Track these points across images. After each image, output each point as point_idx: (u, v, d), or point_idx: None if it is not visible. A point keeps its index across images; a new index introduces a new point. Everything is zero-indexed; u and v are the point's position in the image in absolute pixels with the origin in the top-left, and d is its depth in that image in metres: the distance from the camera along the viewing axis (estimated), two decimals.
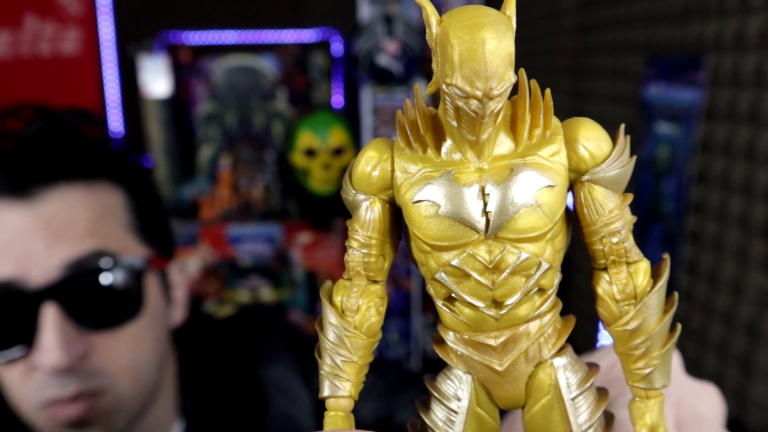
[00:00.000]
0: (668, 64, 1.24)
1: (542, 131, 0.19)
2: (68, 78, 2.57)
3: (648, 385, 0.20)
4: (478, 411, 0.21)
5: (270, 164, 2.73)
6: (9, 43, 2.53)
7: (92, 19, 2.57)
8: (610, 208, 0.20)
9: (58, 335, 0.57)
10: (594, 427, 0.20)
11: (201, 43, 2.63)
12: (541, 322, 0.20)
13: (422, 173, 0.19)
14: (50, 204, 0.60)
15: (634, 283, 0.20)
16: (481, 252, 0.19)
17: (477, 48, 0.16)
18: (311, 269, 2.64)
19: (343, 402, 0.21)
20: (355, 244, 0.21)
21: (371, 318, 0.21)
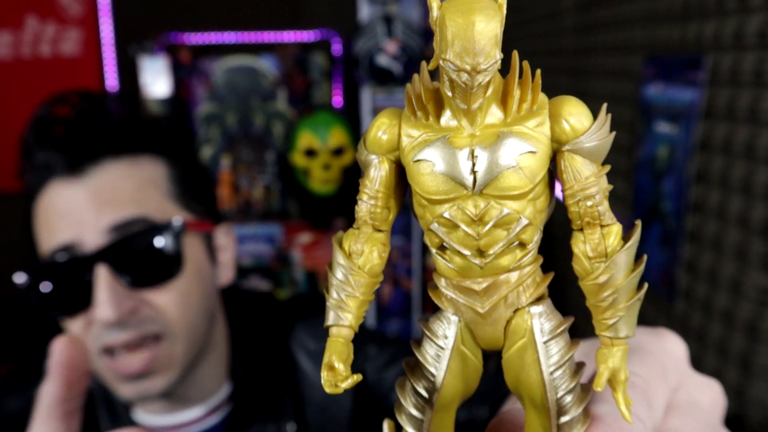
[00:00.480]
0: (668, 63, 1.24)
1: (530, 105, 0.22)
2: (69, 78, 2.58)
3: (613, 333, 0.23)
4: (462, 349, 0.24)
5: (270, 164, 2.73)
6: (10, 43, 2.54)
7: (93, 20, 2.57)
8: (586, 174, 0.22)
9: (109, 293, 0.65)
10: (563, 369, 0.23)
11: (201, 43, 2.64)
12: (521, 273, 0.23)
13: (423, 137, 0.22)
14: (98, 178, 0.69)
15: (606, 243, 0.22)
16: (468, 206, 0.22)
17: (467, 28, 0.19)
18: (311, 269, 2.64)
19: (344, 331, 0.24)
20: (364, 197, 0.24)
21: (374, 260, 0.24)
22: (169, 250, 0.70)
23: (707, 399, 0.28)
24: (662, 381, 0.27)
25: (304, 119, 2.54)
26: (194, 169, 0.79)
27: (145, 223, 0.69)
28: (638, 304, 0.23)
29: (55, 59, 2.57)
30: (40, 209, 0.72)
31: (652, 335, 0.30)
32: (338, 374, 0.23)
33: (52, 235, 0.69)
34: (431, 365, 0.24)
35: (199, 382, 0.76)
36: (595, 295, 0.23)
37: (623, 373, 0.22)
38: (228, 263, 0.81)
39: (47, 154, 0.70)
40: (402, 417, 0.25)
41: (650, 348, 0.28)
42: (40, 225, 0.72)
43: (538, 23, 2.01)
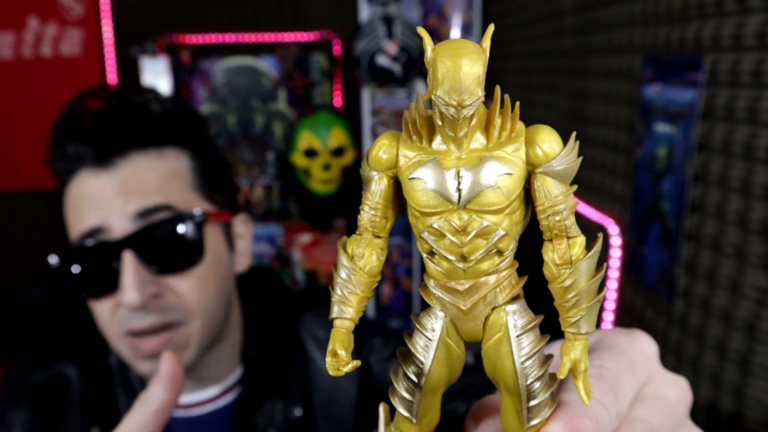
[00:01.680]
0: (667, 64, 1.25)
1: (509, 133, 0.25)
2: (70, 79, 2.58)
3: (576, 330, 0.26)
4: (448, 340, 0.27)
5: (270, 165, 2.73)
6: (11, 44, 2.54)
7: (94, 21, 2.58)
8: (555, 193, 0.25)
9: (134, 278, 0.70)
10: (533, 359, 0.26)
11: (202, 43, 2.64)
12: (498, 276, 0.26)
13: (417, 158, 0.26)
14: (126, 169, 0.73)
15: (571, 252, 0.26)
16: (454, 219, 0.25)
17: (455, 71, 0.23)
18: (311, 269, 2.65)
19: (346, 323, 0.27)
20: (366, 207, 0.27)
21: (373, 262, 0.28)
22: (191, 238, 0.74)
23: (673, 394, 0.30)
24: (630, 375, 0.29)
25: (304, 120, 2.54)
26: (215, 161, 0.82)
27: (170, 212, 0.73)
28: (598, 305, 0.26)
29: (56, 60, 2.58)
30: (70, 196, 0.76)
31: (626, 335, 0.33)
32: (341, 360, 0.27)
33: (81, 220, 0.74)
34: (420, 354, 0.27)
35: (213, 364, 0.81)
36: (561, 296, 0.26)
37: (583, 363, 0.26)
38: (245, 251, 0.86)
39: (78, 145, 0.73)
40: (395, 399, 0.28)
41: (623, 346, 0.31)
42: (70, 211, 0.76)
43: (538, 24, 2.01)
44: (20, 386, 0.81)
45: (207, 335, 0.76)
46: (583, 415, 0.26)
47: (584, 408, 0.26)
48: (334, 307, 0.28)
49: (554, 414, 0.26)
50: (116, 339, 0.74)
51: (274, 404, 0.82)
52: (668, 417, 0.29)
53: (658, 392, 0.30)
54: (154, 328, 0.72)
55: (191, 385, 0.81)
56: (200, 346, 0.76)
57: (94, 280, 0.73)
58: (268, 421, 0.82)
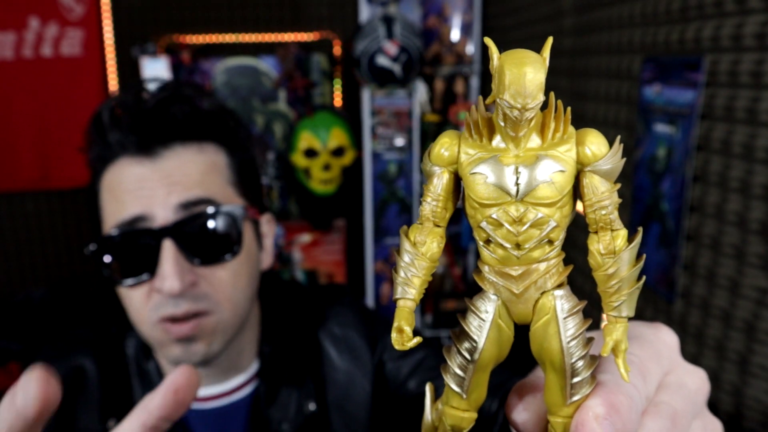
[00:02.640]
0: (666, 65, 1.25)
1: (561, 134, 0.28)
2: (70, 79, 2.58)
3: (617, 313, 0.29)
4: (499, 322, 0.30)
5: (270, 164, 2.73)
6: (12, 44, 2.54)
7: (94, 21, 2.58)
8: (602, 190, 0.28)
9: (175, 266, 0.72)
10: (577, 340, 0.29)
11: (202, 44, 2.64)
12: (548, 264, 0.29)
13: (478, 155, 0.28)
14: (168, 160, 0.75)
15: (615, 243, 0.28)
16: (511, 210, 0.28)
17: (521, 77, 0.26)
18: (311, 269, 2.65)
19: (409, 303, 0.30)
20: (428, 198, 0.30)
21: (433, 249, 0.30)
22: (230, 231, 0.76)
23: (693, 383, 0.33)
24: (656, 363, 0.32)
25: (304, 120, 2.55)
26: (249, 160, 0.85)
27: (210, 205, 0.75)
28: (637, 291, 0.29)
29: (56, 60, 2.58)
30: (108, 183, 0.76)
31: (650, 327, 0.35)
32: (405, 335, 0.29)
33: (122, 207, 0.74)
34: (474, 333, 0.30)
35: (233, 356, 0.82)
36: (605, 283, 0.29)
37: (624, 344, 0.28)
38: (269, 250, 0.89)
39: (122, 134, 0.74)
40: (447, 375, 0.31)
41: (648, 337, 0.34)
42: (108, 198, 0.76)
43: (538, 24, 2.01)
44: None
45: (233, 327, 0.78)
46: (619, 393, 0.28)
47: (620, 387, 0.28)
48: (398, 288, 0.30)
49: (594, 391, 0.29)
50: (148, 325, 0.75)
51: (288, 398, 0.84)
52: (689, 403, 0.32)
53: (679, 380, 0.33)
54: (188, 316, 0.73)
55: (210, 376, 0.82)
56: (226, 336, 0.78)
57: (132, 266, 0.74)
58: (282, 415, 0.83)
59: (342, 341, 0.89)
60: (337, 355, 0.88)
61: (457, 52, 2.65)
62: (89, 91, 2.59)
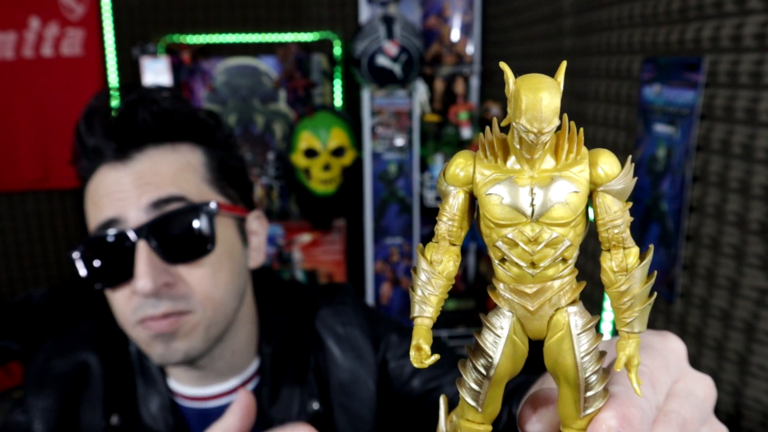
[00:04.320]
0: (666, 65, 1.25)
1: (575, 155, 0.29)
2: (71, 79, 2.58)
3: (630, 329, 0.29)
4: (514, 338, 0.30)
5: (271, 165, 2.74)
6: (13, 44, 2.54)
7: (95, 21, 2.58)
8: (615, 209, 0.29)
9: (147, 266, 0.72)
10: (591, 355, 0.29)
11: (202, 44, 2.64)
12: (562, 281, 0.29)
13: (493, 176, 0.29)
14: (142, 163, 0.76)
15: (627, 261, 0.29)
16: (527, 230, 0.28)
17: (537, 103, 0.26)
18: (311, 269, 2.65)
19: (427, 321, 0.30)
20: (444, 218, 0.30)
21: (450, 267, 0.31)
22: (203, 229, 0.76)
23: (701, 390, 0.34)
24: (665, 372, 0.33)
25: (304, 120, 2.55)
26: (230, 158, 0.85)
27: (183, 202, 0.75)
28: (649, 307, 0.30)
29: (57, 60, 2.58)
30: (90, 191, 0.78)
31: (658, 336, 0.36)
32: (424, 353, 0.30)
33: (99, 212, 0.76)
34: (489, 349, 0.30)
35: (228, 356, 0.83)
36: (617, 299, 0.29)
37: (636, 359, 0.29)
38: (259, 247, 0.88)
39: (98, 141, 0.76)
40: (463, 389, 0.32)
41: (657, 346, 0.35)
42: (90, 205, 0.78)
43: (538, 25, 2.02)
44: (42, 373, 0.83)
45: (216, 325, 0.78)
46: (631, 405, 0.29)
47: (632, 399, 0.29)
48: (415, 306, 0.31)
49: (606, 404, 0.29)
50: (131, 328, 0.76)
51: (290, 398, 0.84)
52: (698, 411, 0.33)
53: (688, 388, 0.33)
54: (167, 316, 0.74)
55: (208, 377, 0.82)
56: (208, 334, 0.78)
57: (110, 269, 0.76)
58: (285, 414, 0.83)
59: (345, 340, 0.89)
60: (341, 354, 0.88)
61: (457, 53, 2.65)
62: (90, 91, 2.59)
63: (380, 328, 0.92)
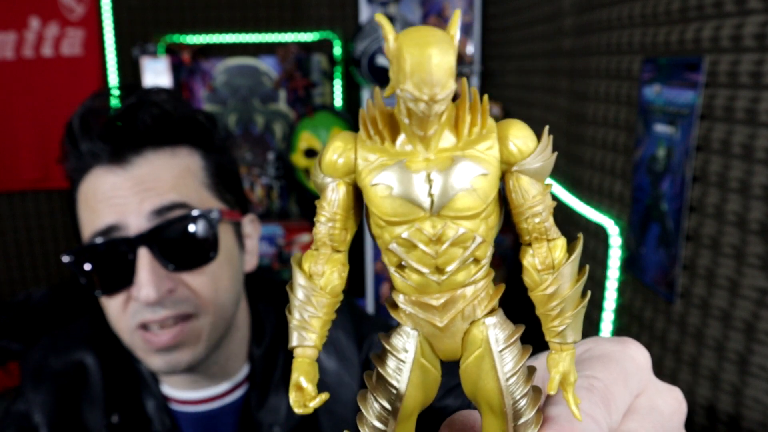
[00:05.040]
0: (666, 65, 1.25)
1: (479, 129, 0.23)
2: (71, 79, 2.58)
3: (562, 339, 0.24)
4: (423, 361, 0.24)
5: (271, 165, 2.73)
6: (12, 44, 2.54)
7: (95, 21, 2.58)
8: (533, 194, 0.23)
9: (150, 274, 0.71)
10: (517, 375, 0.24)
11: (202, 44, 2.64)
12: (475, 287, 0.24)
13: (379, 161, 0.23)
14: (141, 167, 0.74)
15: (552, 256, 0.24)
16: (426, 227, 0.22)
17: (424, 61, 0.20)
18: None
19: (309, 351, 0.24)
20: (322, 218, 0.25)
21: (334, 281, 0.25)
22: (206, 236, 0.75)
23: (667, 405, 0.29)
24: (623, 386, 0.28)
25: (304, 120, 2.55)
26: (226, 162, 0.84)
27: (185, 209, 0.74)
28: (583, 311, 0.25)
29: (57, 60, 2.58)
30: (84, 194, 0.76)
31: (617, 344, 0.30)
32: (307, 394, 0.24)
33: (96, 217, 0.74)
34: (393, 378, 0.24)
35: (222, 361, 0.82)
36: (544, 304, 0.24)
37: (572, 375, 0.24)
38: (253, 250, 0.87)
39: (93, 143, 0.74)
40: (365, 429, 0.25)
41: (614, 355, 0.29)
42: (83, 209, 0.76)
43: (538, 25, 2.01)
44: (39, 369, 0.82)
45: (217, 331, 0.77)
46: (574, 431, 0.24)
47: (573, 423, 0.24)
48: (293, 334, 0.25)
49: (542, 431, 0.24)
50: (127, 334, 0.75)
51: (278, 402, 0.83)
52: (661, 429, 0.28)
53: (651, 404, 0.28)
54: (167, 320, 0.73)
55: (200, 381, 0.82)
56: (210, 341, 0.77)
57: (109, 276, 0.74)
58: (273, 418, 0.83)
59: (329, 343, 0.88)
60: (326, 356, 0.87)
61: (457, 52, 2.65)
62: (90, 91, 2.58)
63: (364, 326, 0.91)
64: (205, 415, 0.83)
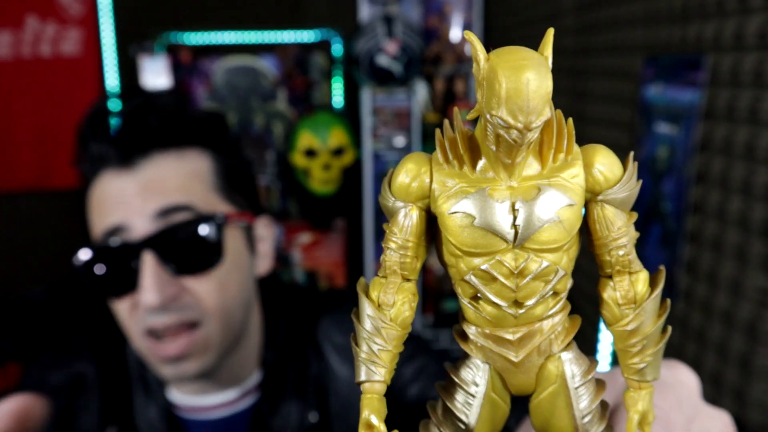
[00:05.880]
0: (668, 64, 1.24)
1: (565, 156, 0.22)
2: (69, 78, 2.58)
3: (641, 377, 0.23)
4: (493, 396, 0.24)
5: (270, 164, 2.73)
6: (10, 43, 2.54)
7: (93, 20, 2.57)
8: (618, 225, 0.23)
9: (153, 278, 0.69)
10: (593, 413, 0.23)
11: (201, 43, 2.63)
12: (552, 321, 0.23)
13: (459, 187, 0.21)
14: (147, 170, 0.73)
15: (635, 290, 0.23)
16: (508, 259, 0.21)
17: (521, 87, 0.19)
18: (311, 269, 2.64)
19: (378, 386, 0.23)
20: (393, 245, 0.23)
21: (405, 312, 0.23)
22: (211, 240, 0.73)
23: (718, 430, 0.29)
24: (680, 412, 0.27)
25: (304, 119, 2.54)
26: (238, 163, 0.82)
27: (190, 212, 0.73)
28: (663, 348, 0.24)
29: (55, 59, 2.57)
30: (93, 196, 0.75)
31: (667, 368, 0.30)
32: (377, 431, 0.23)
33: (102, 218, 0.73)
34: (461, 412, 0.24)
35: (233, 368, 0.80)
36: (625, 340, 0.23)
37: (651, 414, 0.23)
38: (267, 254, 0.85)
39: (101, 146, 0.73)
40: None
41: (668, 381, 0.29)
42: (93, 210, 0.76)
43: (538, 24, 2.01)
44: (38, 387, 0.81)
45: (226, 337, 0.76)
46: None
47: None
48: (361, 368, 0.24)
49: None
50: (137, 338, 0.74)
51: (290, 408, 0.82)
52: None
53: (704, 429, 0.28)
54: (173, 327, 0.71)
55: (211, 387, 0.80)
56: (220, 348, 0.75)
57: (114, 279, 0.73)
58: (284, 425, 0.81)
59: (343, 349, 0.86)
60: (340, 363, 0.85)
61: (457, 52, 2.64)
62: (88, 90, 2.58)
63: None
64: (216, 423, 0.81)
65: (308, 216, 2.68)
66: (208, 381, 0.79)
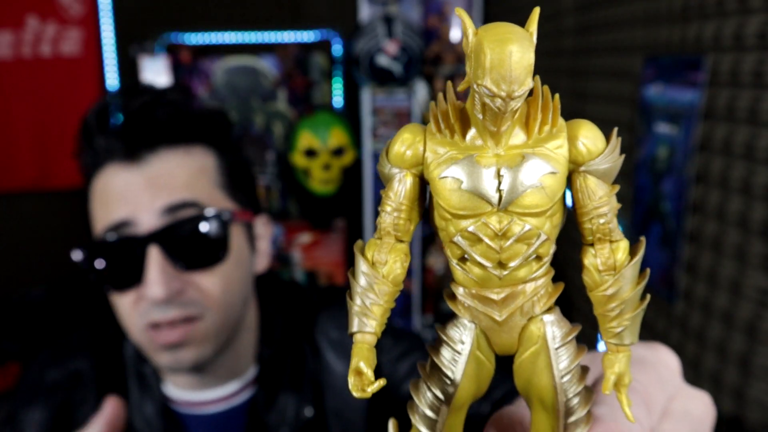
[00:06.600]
0: (667, 64, 1.24)
1: (550, 128, 0.24)
2: (69, 78, 2.58)
3: (619, 341, 0.25)
4: (478, 354, 0.25)
5: (270, 164, 2.73)
6: (10, 43, 2.54)
7: (93, 20, 2.57)
8: (599, 194, 0.24)
9: (160, 273, 0.70)
10: (572, 373, 0.24)
11: (201, 43, 2.64)
12: (535, 284, 0.24)
13: (449, 154, 0.23)
14: (154, 165, 0.73)
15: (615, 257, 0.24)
16: (492, 221, 0.23)
17: (505, 58, 0.21)
18: (311, 269, 2.64)
19: (368, 337, 0.25)
20: (387, 208, 0.25)
21: (396, 270, 0.25)
22: (217, 236, 0.74)
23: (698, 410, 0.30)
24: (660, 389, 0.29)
25: (304, 119, 2.54)
26: (240, 161, 0.83)
27: (197, 208, 0.73)
28: (642, 314, 0.25)
29: (55, 59, 2.57)
30: (97, 189, 0.75)
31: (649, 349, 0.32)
32: (366, 379, 0.24)
33: (108, 213, 0.73)
34: (447, 368, 0.25)
35: (228, 362, 0.81)
36: (603, 305, 0.24)
37: (627, 377, 0.24)
38: (264, 252, 0.86)
39: (108, 140, 0.74)
40: (415, 417, 0.26)
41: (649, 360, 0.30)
42: (96, 204, 0.76)
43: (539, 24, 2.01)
44: (35, 386, 0.82)
45: (224, 331, 0.77)
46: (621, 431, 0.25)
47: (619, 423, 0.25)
48: (354, 320, 0.25)
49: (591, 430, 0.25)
50: (137, 332, 0.75)
51: (286, 403, 0.83)
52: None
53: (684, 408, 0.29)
54: (176, 321, 0.72)
55: (208, 382, 0.81)
56: (217, 341, 0.76)
57: (119, 273, 0.74)
58: (280, 420, 0.82)
59: (340, 345, 0.87)
60: (336, 359, 0.86)
61: (457, 52, 2.65)
62: (88, 90, 2.58)
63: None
64: (213, 417, 0.82)
65: (308, 216, 2.68)
66: (205, 375, 0.80)
